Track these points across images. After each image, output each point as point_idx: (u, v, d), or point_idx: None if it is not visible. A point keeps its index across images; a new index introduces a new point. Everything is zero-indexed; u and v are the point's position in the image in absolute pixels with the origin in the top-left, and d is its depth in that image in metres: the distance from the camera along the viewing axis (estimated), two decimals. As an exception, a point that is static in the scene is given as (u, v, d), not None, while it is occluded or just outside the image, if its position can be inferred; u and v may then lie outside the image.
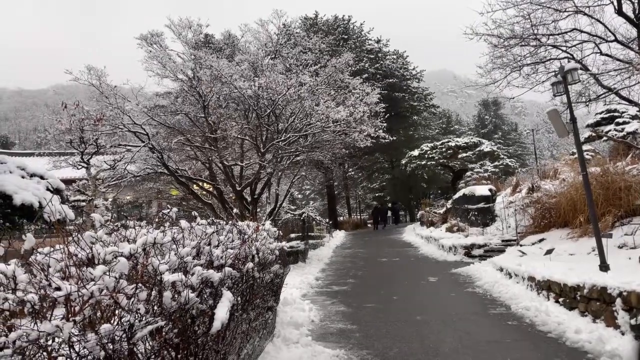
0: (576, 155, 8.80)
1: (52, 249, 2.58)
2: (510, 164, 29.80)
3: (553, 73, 12.54)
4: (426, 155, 28.76)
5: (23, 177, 5.50)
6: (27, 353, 2.20)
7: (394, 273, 11.89)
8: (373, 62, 35.83)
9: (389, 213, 38.53)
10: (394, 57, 39.47)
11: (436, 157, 28.32)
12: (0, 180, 4.97)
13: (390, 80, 36.15)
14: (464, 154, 27.56)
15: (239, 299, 3.73)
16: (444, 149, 28.15)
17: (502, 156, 29.51)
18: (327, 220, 28.61)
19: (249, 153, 15.65)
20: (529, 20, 13.62)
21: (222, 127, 13.91)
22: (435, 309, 7.45)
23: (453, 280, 10.08)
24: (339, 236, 26.47)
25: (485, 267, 10.69)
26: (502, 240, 13.50)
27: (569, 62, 12.43)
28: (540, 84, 14.37)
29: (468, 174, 28.00)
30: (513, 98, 15.68)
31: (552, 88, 8.43)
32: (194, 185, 15.63)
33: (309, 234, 21.27)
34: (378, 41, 39.00)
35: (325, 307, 8.13)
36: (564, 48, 14.19)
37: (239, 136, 14.30)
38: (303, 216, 21.79)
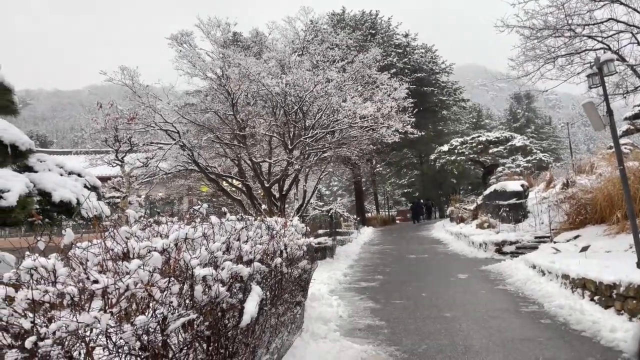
0: (613, 149, 8.50)
1: (89, 244, 2.69)
2: (543, 158, 28.97)
3: (589, 64, 12.09)
4: (456, 151, 28.30)
5: (61, 174, 5.74)
6: (65, 343, 2.30)
7: (422, 270, 11.78)
8: (401, 57, 35.44)
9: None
10: (423, 51, 38.93)
11: (466, 153, 27.83)
12: (39, 177, 5.19)
13: (419, 75, 35.69)
14: (495, 149, 26.97)
15: (267, 293, 3.79)
16: (474, 144, 27.62)
17: (534, 151, 28.73)
18: (355, 216, 28.55)
19: (277, 150, 15.78)
20: (562, 11, 13.17)
21: (250, 124, 14.07)
22: (465, 306, 7.35)
23: (483, 277, 9.92)
24: (367, 232, 26.38)
25: (517, 264, 10.47)
26: (535, 237, 13.17)
27: (605, 52, 11.98)
28: (575, 76, 13.90)
29: (499, 169, 27.38)
30: (547, 91, 15.21)
31: (587, 80, 8.16)
32: (224, 182, 15.88)
33: (337, 230, 21.32)
34: (406, 35, 38.55)
35: (354, 303, 8.14)
36: (600, 38, 13.68)
37: (267, 133, 14.44)
38: (331, 212, 21.85)
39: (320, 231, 19.27)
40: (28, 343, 2.10)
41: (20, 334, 2.28)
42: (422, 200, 39.99)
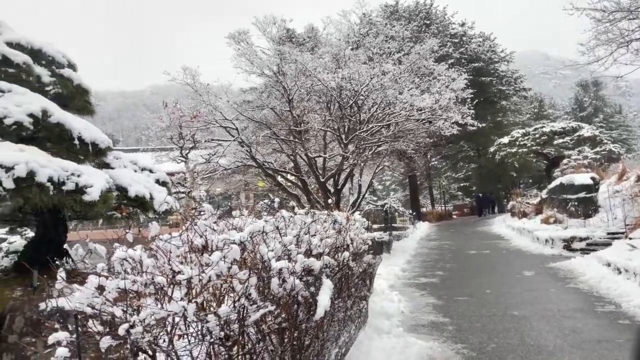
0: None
1: (171, 236, 2.80)
2: (613, 149, 27.11)
3: (669, 46, 11.17)
4: (517, 142, 27.11)
5: (135, 170, 6.06)
6: (153, 331, 2.41)
7: (484, 266, 11.41)
8: (457, 47, 34.33)
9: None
10: (480, 40, 37.53)
11: (528, 144, 26.58)
12: (116, 174, 5.50)
13: (476, 65, 34.46)
14: (560, 140, 25.56)
15: (335, 287, 3.80)
16: (537, 135, 26.33)
17: (604, 141, 26.96)
18: (410, 211, 28.13)
19: (331, 145, 15.82)
20: (638, -10, 12.22)
21: (305, 119, 14.19)
22: (533, 305, 7.03)
23: (552, 275, 9.45)
24: (423, 227, 25.93)
25: (589, 261, 9.89)
26: (608, 233, 12.38)
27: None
28: (652, 60, 12.87)
29: (565, 161, 25.93)
30: (621, 77, 14.19)
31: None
32: (278, 177, 16.13)
33: (392, 225, 21.08)
34: (462, 24, 37.30)
35: (414, 298, 8.02)
36: (681, 19, 12.57)
37: (322, 128, 14.49)
38: (385, 207, 21.62)
39: (375, 226, 19.08)
40: (121, 330, 2.21)
41: (109, 322, 2.41)
42: (487, 194, 38.63)
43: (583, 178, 15.64)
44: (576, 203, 15.05)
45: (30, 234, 7.68)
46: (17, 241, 7.08)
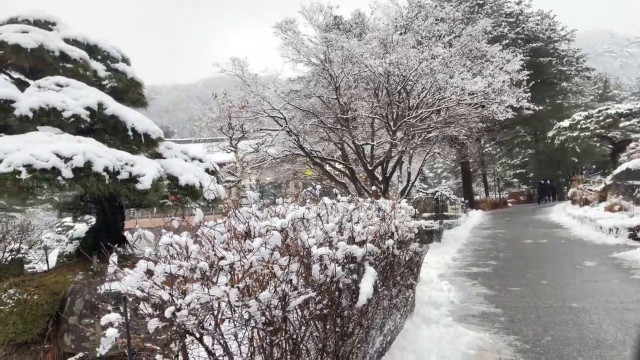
0: None
1: (215, 223, 2.86)
2: (687, 132, 24.99)
3: None
4: (579, 126, 25.55)
5: (186, 160, 6.28)
6: (198, 314, 2.48)
7: (541, 256, 10.91)
8: (513, 27, 32.71)
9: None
10: (538, 18, 35.53)
11: (591, 128, 24.99)
12: (168, 163, 5.71)
13: (534, 45, 32.70)
14: (627, 123, 23.83)
15: (379, 275, 3.75)
16: (601, 118, 24.69)
17: (678, 123, 24.88)
18: (462, 199, 27.36)
19: (379, 132, 15.63)
20: None
21: (352, 107, 14.07)
22: (594, 296, 6.65)
23: (615, 266, 8.89)
24: (476, 216, 25.16)
25: (657, 252, 9.22)
26: (680, 222, 11.48)
27: None
28: None
29: (632, 145, 24.19)
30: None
31: None
32: (326, 166, 16.16)
33: (443, 213, 20.59)
34: (518, 2, 35.45)
35: (465, 288, 7.81)
36: None
37: (369, 115, 14.32)
38: (436, 195, 21.16)
39: (425, 214, 18.74)
40: (167, 313, 2.29)
41: (158, 305, 2.50)
42: (548, 181, 36.87)
43: (652, 163, 14.56)
44: (644, 190, 14.04)
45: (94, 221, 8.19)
46: (79, 228, 7.57)
